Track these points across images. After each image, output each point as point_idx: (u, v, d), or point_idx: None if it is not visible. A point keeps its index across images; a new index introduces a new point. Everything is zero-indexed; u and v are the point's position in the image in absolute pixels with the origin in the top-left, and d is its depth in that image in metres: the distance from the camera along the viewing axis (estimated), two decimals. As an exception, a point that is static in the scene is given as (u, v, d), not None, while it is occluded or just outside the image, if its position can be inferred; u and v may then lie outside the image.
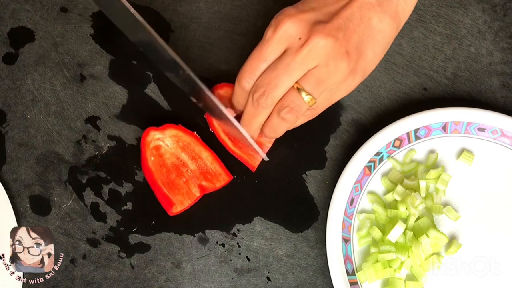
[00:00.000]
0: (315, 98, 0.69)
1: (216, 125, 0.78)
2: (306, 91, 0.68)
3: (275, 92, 0.68)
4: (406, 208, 0.75)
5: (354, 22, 0.68)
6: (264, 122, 0.72)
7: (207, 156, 0.77)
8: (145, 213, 0.78)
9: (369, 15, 0.68)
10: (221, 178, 0.77)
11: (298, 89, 0.68)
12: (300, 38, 0.67)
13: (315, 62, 0.67)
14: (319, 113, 0.73)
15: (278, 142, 0.78)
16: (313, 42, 0.67)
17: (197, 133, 0.78)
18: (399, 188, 0.75)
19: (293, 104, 0.69)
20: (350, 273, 0.75)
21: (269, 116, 0.71)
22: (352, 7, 0.68)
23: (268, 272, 0.77)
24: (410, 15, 0.81)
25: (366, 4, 0.68)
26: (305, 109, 0.70)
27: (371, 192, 0.77)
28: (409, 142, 0.77)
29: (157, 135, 0.77)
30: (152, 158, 0.76)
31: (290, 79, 0.68)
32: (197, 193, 0.77)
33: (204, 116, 0.78)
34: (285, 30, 0.67)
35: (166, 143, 0.77)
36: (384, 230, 0.75)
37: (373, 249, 0.75)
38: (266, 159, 0.77)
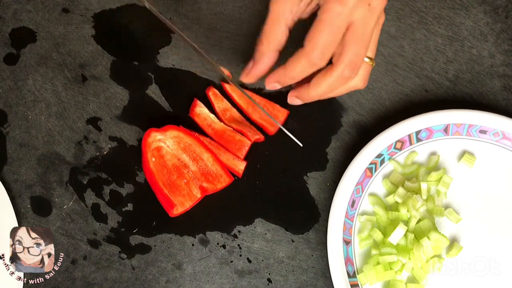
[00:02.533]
0: (373, 60, 0.70)
1: (232, 92, 0.79)
2: (369, 57, 0.70)
3: (361, 64, 0.68)
4: (407, 210, 0.75)
5: None
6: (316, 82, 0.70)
7: (208, 157, 0.77)
8: (146, 214, 0.78)
9: None
10: (222, 179, 0.77)
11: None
12: (370, 4, 0.65)
13: (377, 26, 0.68)
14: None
15: (279, 143, 0.78)
16: (379, 7, 0.66)
17: (198, 134, 0.78)
18: (400, 190, 0.75)
19: (360, 65, 0.68)
20: (351, 275, 0.75)
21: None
22: None
23: (269, 274, 0.77)
24: (412, 17, 0.81)
25: None
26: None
27: (372, 194, 0.77)
28: (411, 144, 0.77)
29: (158, 136, 0.76)
30: (153, 159, 0.76)
31: (368, 47, 0.68)
32: (198, 194, 0.77)
33: (220, 83, 0.79)
34: (355, 2, 0.65)
35: (167, 144, 0.77)
36: (385, 232, 0.75)
37: (374, 251, 0.75)
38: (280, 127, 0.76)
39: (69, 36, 0.81)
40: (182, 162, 0.77)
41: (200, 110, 0.79)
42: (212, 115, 0.79)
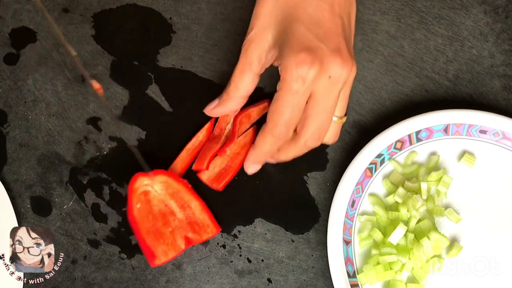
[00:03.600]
0: (345, 115, 0.72)
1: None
2: (338, 116, 0.71)
3: (325, 133, 0.70)
4: (407, 210, 0.75)
5: (345, 27, 0.69)
6: (286, 149, 0.72)
7: (196, 206, 0.76)
8: (146, 214, 0.78)
9: (347, 11, 0.70)
10: (209, 230, 0.76)
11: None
12: (330, 77, 0.66)
13: (345, 88, 0.69)
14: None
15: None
16: (343, 75, 0.66)
17: (188, 181, 0.77)
18: (400, 190, 0.75)
19: (325, 133, 0.70)
20: (351, 275, 0.75)
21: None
22: (340, 15, 0.68)
23: (269, 274, 0.77)
24: (412, 17, 0.81)
25: (343, 2, 0.69)
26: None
27: (372, 194, 0.77)
28: (411, 144, 0.77)
29: (145, 181, 0.75)
30: (139, 205, 0.74)
31: (332, 115, 0.69)
32: (182, 245, 0.75)
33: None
34: (314, 77, 0.65)
35: (155, 189, 0.76)
36: (385, 232, 0.75)
37: (374, 251, 0.75)
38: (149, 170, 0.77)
39: (69, 36, 0.81)
40: (169, 208, 0.76)
41: None
42: None
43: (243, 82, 0.71)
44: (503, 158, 0.77)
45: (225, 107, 0.74)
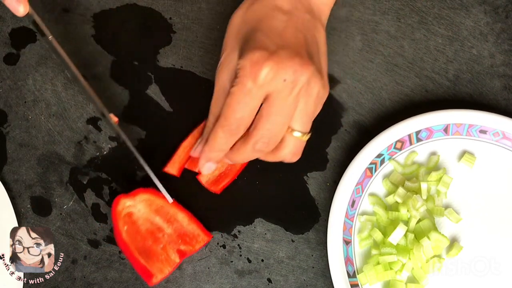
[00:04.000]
0: (307, 132, 0.70)
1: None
2: (299, 131, 0.69)
3: (275, 138, 0.68)
4: (407, 210, 0.75)
5: (310, 43, 0.68)
6: (236, 150, 0.71)
7: (183, 217, 0.76)
8: (146, 214, 0.78)
9: (312, 32, 0.70)
10: (200, 238, 0.76)
11: (290, 130, 0.69)
12: (284, 80, 0.65)
13: (304, 98, 0.67)
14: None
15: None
16: (301, 80, 0.66)
17: (170, 196, 0.76)
18: (400, 190, 0.75)
19: (275, 139, 0.69)
20: (351, 275, 0.75)
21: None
22: (302, 31, 0.68)
23: (269, 274, 0.77)
24: (412, 17, 0.81)
25: (306, 23, 0.69)
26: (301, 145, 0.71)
27: (372, 194, 0.77)
28: (411, 144, 0.77)
29: (128, 203, 0.75)
30: (126, 227, 0.74)
31: (286, 122, 0.68)
32: (176, 259, 0.75)
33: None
34: (266, 77, 0.65)
35: (138, 209, 0.75)
36: (385, 232, 0.75)
37: (374, 251, 0.75)
38: (170, 200, 0.76)
39: (69, 36, 0.81)
40: (156, 225, 0.76)
41: None
42: None
43: (220, 110, 0.70)
44: (503, 158, 0.77)
45: (212, 143, 0.71)
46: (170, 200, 0.76)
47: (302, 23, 0.69)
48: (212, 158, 0.71)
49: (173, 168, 0.77)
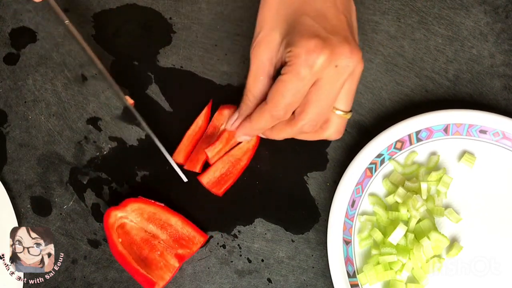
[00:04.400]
0: (350, 111, 0.71)
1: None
2: (342, 110, 0.70)
3: (323, 121, 0.70)
4: (407, 210, 0.75)
5: (350, 24, 0.69)
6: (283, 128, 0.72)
7: (176, 222, 0.76)
8: (146, 214, 0.78)
9: (350, 12, 0.70)
10: (196, 240, 0.76)
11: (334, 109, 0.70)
12: (336, 66, 0.66)
13: (350, 80, 0.68)
14: None
15: (279, 142, 0.78)
16: (350, 66, 0.67)
17: (160, 201, 0.77)
18: (400, 190, 0.75)
19: (322, 121, 0.70)
20: (351, 275, 0.75)
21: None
22: (341, 10, 0.69)
23: (269, 274, 0.77)
24: (412, 17, 0.81)
25: (344, 1, 0.70)
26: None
27: (372, 194, 0.77)
28: (411, 144, 0.77)
29: (119, 214, 0.74)
30: (120, 240, 0.74)
31: (333, 104, 0.69)
32: (175, 264, 0.75)
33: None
34: (322, 65, 0.66)
35: (130, 219, 0.75)
36: (385, 232, 0.75)
37: (374, 251, 0.75)
38: (185, 179, 0.78)
39: (69, 36, 0.81)
40: (150, 233, 0.76)
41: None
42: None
43: (259, 89, 0.71)
44: (503, 158, 0.77)
45: (256, 123, 0.72)
46: (185, 179, 0.76)
47: (340, 1, 0.69)
48: (252, 134, 0.73)
49: (179, 156, 0.78)
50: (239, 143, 0.78)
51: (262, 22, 0.70)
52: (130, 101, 0.76)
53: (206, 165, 0.78)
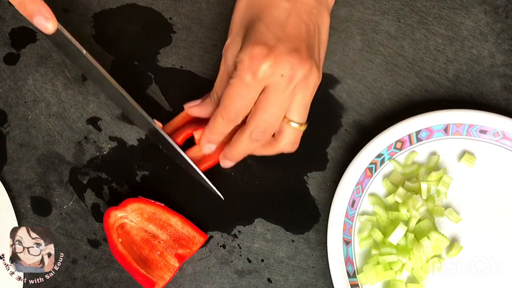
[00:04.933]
0: (305, 123, 0.72)
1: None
2: (296, 122, 0.71)
3: (271, 129, 0.70)
4: (407, 210, 0.75)
5: (311, 34, 0.70)
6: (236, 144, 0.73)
7: (176, 222, 0.75)
8: (146, 214, 0.78)
9: (315, 19, 0.71)
10: (196, 240, 0.75)
11: (287, 121, 0.70)
12: (282, 75, 0.67)
13: (301, 92, 0.69)
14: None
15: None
16: (297, 76, 0.67)
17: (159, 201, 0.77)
18: (401, 190, 0.75)
19: (270, 130, 0.71)
20: (351, 275, 0.75)
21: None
22: (305, 21, 0.69)
23: (269, 274, 0.77)
24: (412, 17, 0.81)
25: (310, 9, 0.70)
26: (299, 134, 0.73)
27: (372, 194, 0.77)
28: (411, 144, 0.77)
29: (119, 214, 0.74)
30: (120, 240, 0.74)
31: (282, 114, 0.69)
32: (175, 264, 0.75)
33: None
34: (265, 73, 0.66)
35: (130, 219, 0.75)
36: (385, 232, 0.75)
37: (374, 251, 0.75)
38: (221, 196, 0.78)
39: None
40: (150, 233, 0.76)
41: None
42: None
43: (222, 90, 0.72)
44: (503, 158, 0.77)
45: (204, 111, 0.75)
46: (221, 196, 0.77)
47: (306, 10, 0.70)
48: (212, 140, 0.73)
49: (168, 128, 0.77)
50: None
51: (232, 26, 0.73)
52: (159, 124, 0.76)
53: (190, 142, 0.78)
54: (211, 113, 0.75)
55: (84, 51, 0.70)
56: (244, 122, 0.71)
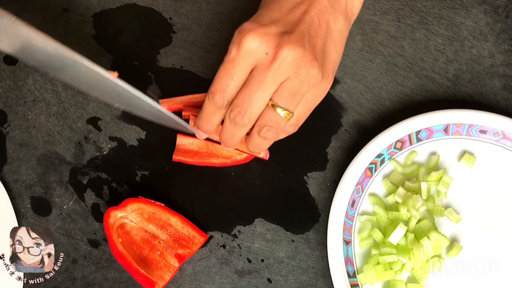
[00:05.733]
0: (292, 112, 0.69)
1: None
2: (281, 107, 0.68)
3: (250, 110, 0.68)
4: (408, 210, 0.75)
5: (315, 27, 0.69)
6: (246, 140, 0.72)
7: (176, 222, 0.75)
8: (146, 214, 0.78)
9: (326, 18, 0.69)
10: (196, 240, 0.75)
11: (273, 105, 0.68)
12: (267, 53, 0.66)
13: (286, 74, 0.67)
14: (300, 124, 0.72)
15: (279, 143, 0.78)
16: (282, 55, 0.66)
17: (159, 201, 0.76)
18: (401, 190, 0.75)
19: (271, 122, 0.69)
20: (351, 275, 0.75)
21: (250, 133, 0.71)
22: (309, 13, 0.68)
23: (269, 274, 0.77)
24: (412, 17, 0.81)
25: (321, 8, 0.69)
26: (284, 124, 0.70)
27: (372, 194, 0.77)
28: (411, 144, 0.77)
29: (119, 214, 0.74)
30: (120, 240, 0.74)
31: (264, 95, 0.67)
32: (175, 264, 0.75)
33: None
34: (249, 47, 0.66)
35: (130, 219, 0.75)
36: (385, 232, 0.75)
37: (374, 251, 0.75)
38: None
39: (69, 36, 0.81)
40: (150, 233, 0.75)
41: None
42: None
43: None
44: (503, 158, 0.77)
45: (201, 112, 0.73)
46: (202, 137, 0.76)
47: (317, 9, 0.69)
48: (201, 127, 0.72)
49: (166, 103, 0.78)
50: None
51: None
52: (114, 74, 0.73)
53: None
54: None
55: (14, 18, 0.67)
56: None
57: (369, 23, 0.81)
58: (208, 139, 0.78)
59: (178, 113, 0.78)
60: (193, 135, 0.76)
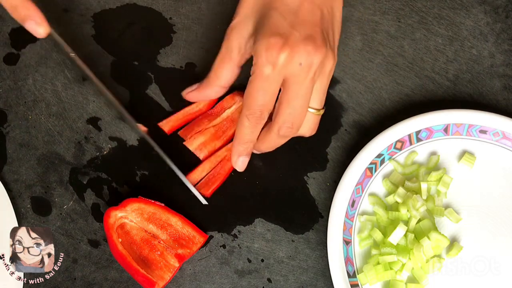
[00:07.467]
0: (323, 108, 0.72)
1: None
2: (316, 108, 0.71)
3: (298, 121, 0.70)
4: (407, 210, 0.75)
5: (326, 18, 0.69)
6: (262, 139, 0.73)
7: (176, 222, 0.75)
8: (146, 214, 0.78)
9: (331, 5, 0.70)
10: (196, 240, 0.75)
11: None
12: (300, 64, 0.67)
13: (317, 78, 0.69)
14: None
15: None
16: (314, 63, 0.67)
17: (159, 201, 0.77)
18: (401, 190, 0.75)
19: (299, 122, 0.71)
20: (351, 275, 0.75)
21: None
22: (316, 4, 0.69)
23: (269, 274, 0.77)
24: (412, 17, 0.81)
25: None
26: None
27: (372, 194, 0.77)
28: (411, 144, 0.77)
29: (119, 214, 0.74)
30: (120, 240, 0.74)
31: (306, 105, 0.70)
32: (175, 264, 0.75)
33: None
34: (283, 63, 0.66)
35: (130, 219, 0.75)
36: (385, 232, 0.75)
37: (374, 251, 0.75)
38: (204, 202, 0.77)
39: (69, 36, 0.81)
40: (150, 233, 0.75)
41: None
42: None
43: (223, 71, 0.73)
44: (503, 158, 0.77)
45: (203, 93, 0.76)
46: (204, 202, 0.76)
47: None
48: (243, 151, 0.73)
49: (166, 125, 0.78)
50: (230, 140, 0.78)
51: (239, 9, 0.72)
52: (143, 128, 0.76)
53: (195, 162, 0.78)
54: (210, 97, 0.76)
55: (73, 54, 0.72)
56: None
57: (369, 23, 0.81)
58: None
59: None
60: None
